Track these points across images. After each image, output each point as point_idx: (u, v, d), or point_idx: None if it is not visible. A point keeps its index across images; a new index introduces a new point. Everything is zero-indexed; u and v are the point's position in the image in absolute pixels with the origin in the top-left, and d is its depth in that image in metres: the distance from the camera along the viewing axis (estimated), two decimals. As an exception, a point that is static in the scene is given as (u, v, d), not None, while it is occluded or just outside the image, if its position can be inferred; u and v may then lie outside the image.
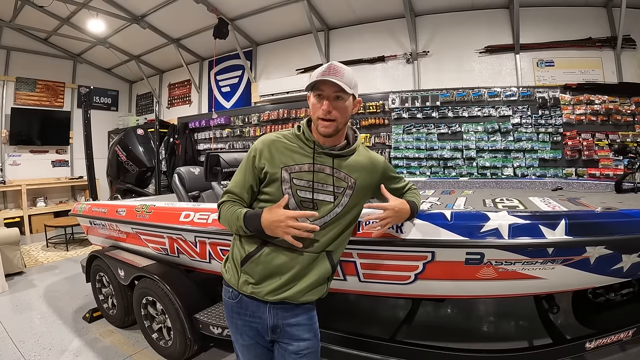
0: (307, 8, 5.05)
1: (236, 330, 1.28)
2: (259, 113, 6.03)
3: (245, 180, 1.27)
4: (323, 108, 1.17)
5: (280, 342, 1.25)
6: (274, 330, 1.23)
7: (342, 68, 1.18)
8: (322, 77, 1.15)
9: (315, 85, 1.19)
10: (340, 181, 1.25)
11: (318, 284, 1.26)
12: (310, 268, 1.23)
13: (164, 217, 2.30)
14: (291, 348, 1.23)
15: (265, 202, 1.25)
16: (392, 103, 4.92)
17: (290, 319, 1.23)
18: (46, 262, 4.71)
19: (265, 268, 1.22)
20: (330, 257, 1.27)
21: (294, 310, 1.24)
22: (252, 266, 1.23)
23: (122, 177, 5.24)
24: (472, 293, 1.78)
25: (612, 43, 4.30)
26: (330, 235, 1.25)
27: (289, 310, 1.23)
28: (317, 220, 1.22)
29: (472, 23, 4.92)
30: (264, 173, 1.23)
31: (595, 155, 4.06)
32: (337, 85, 1.15)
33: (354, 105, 1.25)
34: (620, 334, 1.74)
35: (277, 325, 1.23)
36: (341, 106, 1.19)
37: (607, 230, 1.45)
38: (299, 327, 1.24)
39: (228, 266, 1.32)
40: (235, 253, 1.29)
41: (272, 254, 1.21)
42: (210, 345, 2.43)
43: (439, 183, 3.38)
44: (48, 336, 2.69)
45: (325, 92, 1.18)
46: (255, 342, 1.27)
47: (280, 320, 1.23)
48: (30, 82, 7.13)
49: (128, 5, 5.73)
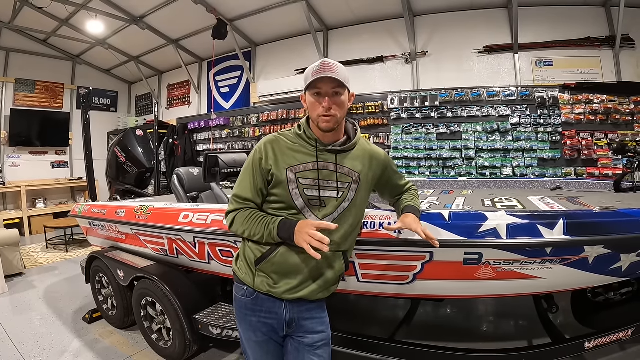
0: (305, 8, 5.05)
1: (249, 328, 1.29)
2: (258, 114, 6.03)
3: (255, 184, 1.26)
4: (324, 105, 1.18)
5: (295, 336, 1.28)
6: (289, 324, 1.26)
7: (335, 64, 1.19)
8: (320, 75, 1.16)
9: (311, 84, 1.18)
10: (344, 176, 1.26)
11: (332, 282, 1.30)
12: (325, 267, 1.26)
13: (163, 218, 2.30)
14: (306, 341, 1.26)
15: (274, 204, 1.26)
16: (391, 103, 4.92)
17: (305, 313, 1.27)
18: (46, 263, 4.71)
19: (281, 268, 1.23)
20: (345, 255, 1.31)
21: (308, 305, 1.27)
22: (268, 266, 1.24)
23: (121, 178, 5.23)
24: (470, 293, 1.78)
25: (610, 42, 4.31)
26: (342, 231, 1.26)
27: (303, 305, 1.26)
28: (326, 218, 1.23)
29: (470, 23, 4.93)
30: (271, 175, 1.23)
31: (594, 155, 4.06)
32: (335, 81, 1.16)
33: (349, 100, 1.26)
34: (620, 333, 1.74)
35: (293, 319, 1.26)
36: (339, 101, 1.20)
37: (606, 230, 1.45)
38: (313, 320, 1.28)
39: (240, 264, 1.32)
40: (248, 253, 1.29)
41: (287, 254, 1.22)
42: (209, 345, 2.43)
43: (438, 183, 3.38)
44: (48, 337, 2.69)
45: (323, 90, 1.19)
46: (268, 337, 1.28)
47: (296, 314, 1.26)
48: (29, 83, 7.13)
49: (127, 6, 5.73)
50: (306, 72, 1.22)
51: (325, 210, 1.24)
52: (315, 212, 1.23)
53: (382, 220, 1.60)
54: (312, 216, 1.22)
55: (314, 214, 1.23)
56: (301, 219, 1.22)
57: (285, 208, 1.24)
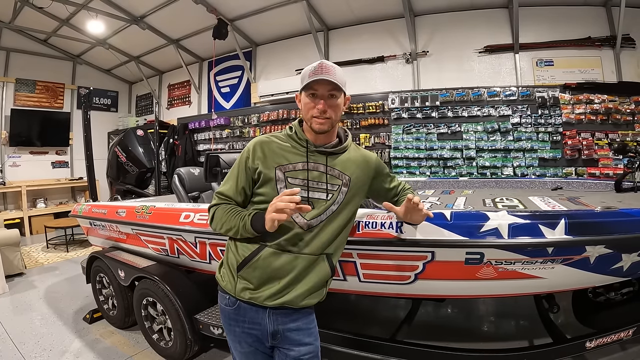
0: (306, 8, 5.05)
1: (234, 338, 1.26)
2: (259, 113, 6.03)
3: (238, 183, 1.25)
4: (318, 107, 1.17)
5: (281, 348, 1.23)
6: (274, 336, 1.21)
7: (332, 66, 1.17)
8: (317, 77, 1.14)
9: (308, 85, 1.17)
10: (334, 179, 1.25)
11: (317, 287, 1.24)
12: (309, 271, 1.21)
13: (164, 217, 2.30)
14: (292, 354, 1.21)
15: (260, 204, 1.23)
16: (392, 103, 4.92)
17: (290, 324, 1.22)
18: (46, 263, 4.71)
19: (264, 272, 1.19)
20: (329, 259, 1.26)
21: (293, 315, 1.22)
22: (250, 271, 1.21)
23: (122, 178, 5.23)
24: (472, 293, 1.78)
25: (611, 42, 4.31)
26: (328, 234, 1.24)
27: (288, 315, 1.21)
28: (314, 219, 1.21)
29: (471, 23, 4.92)
30: (258, 173, 1.22)
31: (595, 155, 4.06)
32: (331, 84, 1.15)
33: (344, 103, 1.25)
34: (621, 333, 1.74)
35: (277, 330, 1.21)
36: (334, 104, 1.19)
37: (607, 230, 1.45)
38: (299, 331, 1.22)
39: (223, 272, 1.28)
40: (231, 258, 1.26)
41: (270, 257, 1.19)
42: (210, 345, 2.44)
43: (439, 183, 3.38)
44: (48, 337, 2.69)
45: (319, 92, 1.18)
46: (254, 348, 1.24)
47: (280, 326, 1.21)
48: (29, 83, 7.13)
49: (127, 6, 5.73)
50: (303, 72, 1.20)
51: (313, 212, 1.21)
52: (303, 213, 1.20)
53: (383, 220, 1.60)
54: (299, 217, 1.20)
55: (301, 215, 1.19)
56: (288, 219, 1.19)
57: None
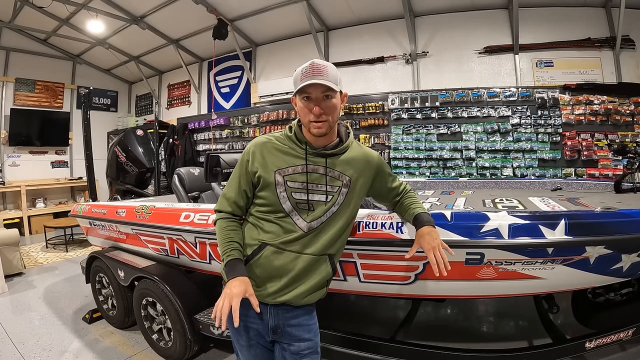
0: (306, 9, 5.06)
1: (236, 331, 1.27)
2: (259, 114, 6.04)
3: (240, 186, 1.27)
4: (314, 112, 1.15)
5: (281, 343, 1.24)
6: (274, 331, 1.23)
7: (324, 65, 1.15)
8: (308, 81, 1.12)
9: (301, 89, 1.14)
10: (334, 180, 1.24)
11: (318, 287, 1.25)
12: (311, 271, 1.23)
13: (164, 217, 2.30)
14: (292, 348, 1.22)
15: (262, 207, 1.24)
16: (392, 104, 4.92)
17: (291, 320, 1.23)
18: (46, 263, 4.70)
19: (265, 270, 1.21)
20: (331, 260, 1.27)
21: (294, 312, 1.23)
22: (252, 269, 1.22)
23: (121, 178, 5.24)
24: (472, 293, 1.78)
25: (611, 43, 4.31)
26: (330, 235, 1.24)
27: (289, 311, 1.23)
28: (314, 221, 1.22)
29: (471, 24, 4.93)
30: (258, 177, 1.22)
31: (595, 156, 4.07)
32: (324, 86, 1.13)
33: (341, 100, 1.23)
34: (620, 333, 1.75)
35: (278, 325, 1.22)
36: (330, 105, 1.17)
37: (607, 230, 1.45)
38: (299, 327, 1.24)
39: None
40: None
41: (272, 256, 1.21)
42: (210, 346, 2.43)
43: (439, 183, 3.39)
44: (48, 337, 2.68)
45: (313, 95, 1.15)
46: (255, 342, 1.26)
47: (281, 321, 1.22)
48: (29, 82, 7.13)
49: (127, 6, 5.73)
50: (295, 74, 1.17)
51: (314, 214, 1.22)
52: (304, 215, 1.22)
53: (383, 221, 1.60)
54: (300, 219, 1.21)
55: (302, 217, 1.21)
56: (289, 222, 1.21)
57: (272, 211, 1.23)
